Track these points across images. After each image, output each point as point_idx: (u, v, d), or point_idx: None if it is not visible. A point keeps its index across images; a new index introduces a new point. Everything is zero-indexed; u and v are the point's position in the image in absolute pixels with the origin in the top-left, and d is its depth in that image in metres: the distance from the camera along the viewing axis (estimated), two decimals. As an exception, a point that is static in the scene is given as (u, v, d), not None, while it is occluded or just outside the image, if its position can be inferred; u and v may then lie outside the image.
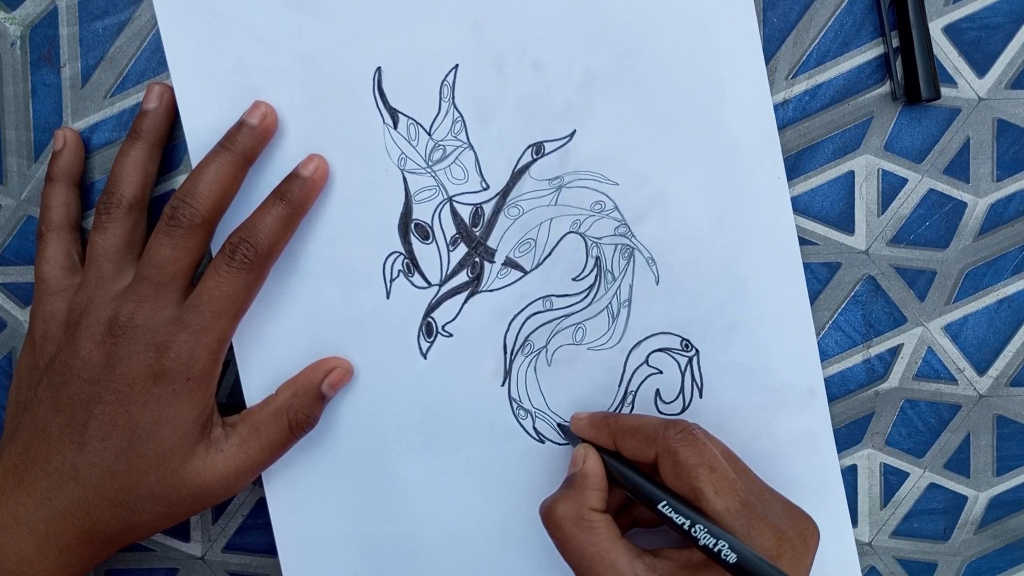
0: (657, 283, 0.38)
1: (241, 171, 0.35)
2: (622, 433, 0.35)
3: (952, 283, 0.40)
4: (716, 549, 0.30)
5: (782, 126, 0.38)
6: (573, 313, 0.38)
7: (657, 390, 0.38)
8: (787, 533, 0.32)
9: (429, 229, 0.37)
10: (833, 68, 0.38)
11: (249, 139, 0.35)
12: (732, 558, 0.30)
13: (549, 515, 0.33)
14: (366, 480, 0.38)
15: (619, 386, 0.38)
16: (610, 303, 0.38)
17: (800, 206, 0.39)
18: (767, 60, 0.38)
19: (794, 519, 0.33)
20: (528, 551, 0.39)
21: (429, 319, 0.38)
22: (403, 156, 0.37)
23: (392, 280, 0.38)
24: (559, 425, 0.38)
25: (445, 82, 0.37)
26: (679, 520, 0.31)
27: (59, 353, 0.35)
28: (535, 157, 0.37)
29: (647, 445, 0.34)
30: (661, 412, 0.38)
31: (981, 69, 0.39)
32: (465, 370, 0.38)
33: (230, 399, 0.39)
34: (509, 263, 0.38)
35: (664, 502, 0.32)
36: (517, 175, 0.37)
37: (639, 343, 0.38)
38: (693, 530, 0.31)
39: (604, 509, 0.34)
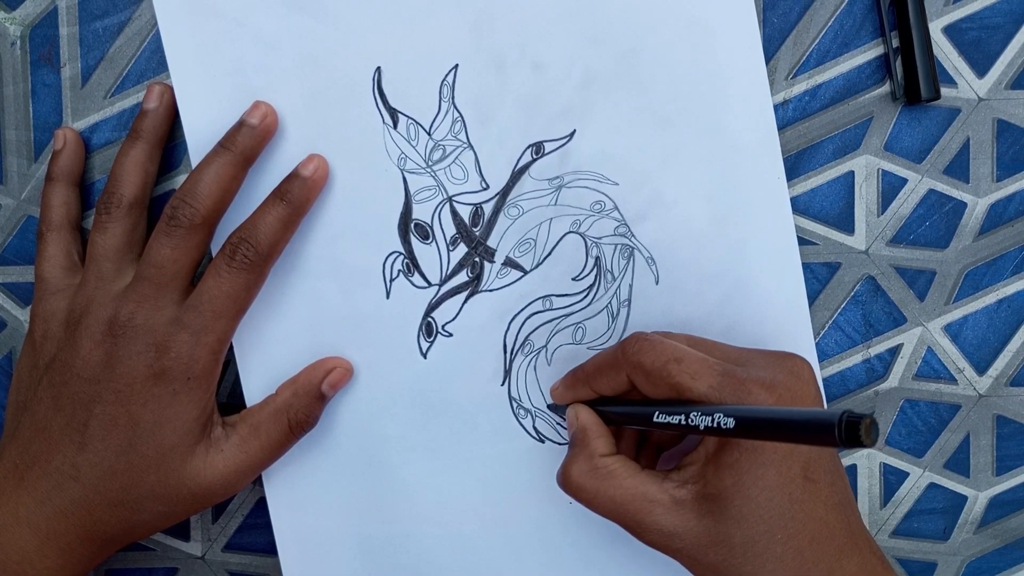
0: (657, 283, 0.38)
1: (241, 171, 0.35)
2: (591, 376, 0.35)
3: (952, 283, 0.40)
4: (716, 424, 0.29)
5: (782, 126, 0.38)
6: (573, 313, 0.38)
7: (657, 390, 0.38)
8: (776, 379, 0.31)
9: (429, 229, 0.37)
10: (833, 68, 0.38)
11: (249, 139, 0.35)
12: (730, 423, 0.28)
13: (567, 480, 0.33)
14: (366, 480, 0.38)
15: (619, 386, 0.38)
16: (610, 303, 0.38)
17: (800, 206, 0.39)
18: (767, 60, 0.38)
19: (779, 362, 0.32)
20: (528, 551, 0.39)
21: (429, 319, 0.38)
22: (403, 156, 0.37)
23: (392, 280, 0.38)
24: (548, 406, 0.38)
25: (445, 82, 0.37)
26: (675, 420, 0.30)
27: (59, 353, 0.35)
28: (535, 157, 0.37)
29: (616, 372, 0.33)
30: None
31: (981, 69, 0.39)
32: (465, 370, 0.38)
33: (230, 399, 0.39)
34: (509, 263, 0.38)
35: (655, 412, 0.31)
36: (517, 175, 0.37)
37: (639, 343, 0.38)
38: (690, 419, 0.30)
39: (615, 452, 0.33)
